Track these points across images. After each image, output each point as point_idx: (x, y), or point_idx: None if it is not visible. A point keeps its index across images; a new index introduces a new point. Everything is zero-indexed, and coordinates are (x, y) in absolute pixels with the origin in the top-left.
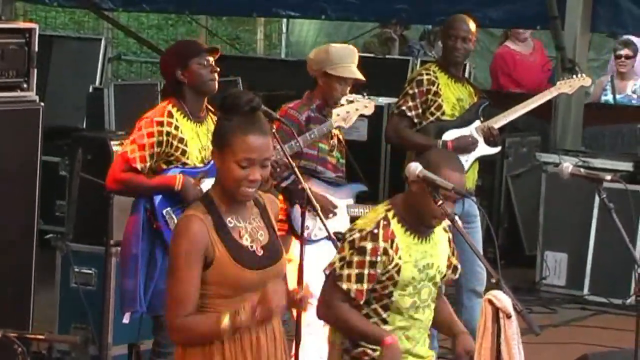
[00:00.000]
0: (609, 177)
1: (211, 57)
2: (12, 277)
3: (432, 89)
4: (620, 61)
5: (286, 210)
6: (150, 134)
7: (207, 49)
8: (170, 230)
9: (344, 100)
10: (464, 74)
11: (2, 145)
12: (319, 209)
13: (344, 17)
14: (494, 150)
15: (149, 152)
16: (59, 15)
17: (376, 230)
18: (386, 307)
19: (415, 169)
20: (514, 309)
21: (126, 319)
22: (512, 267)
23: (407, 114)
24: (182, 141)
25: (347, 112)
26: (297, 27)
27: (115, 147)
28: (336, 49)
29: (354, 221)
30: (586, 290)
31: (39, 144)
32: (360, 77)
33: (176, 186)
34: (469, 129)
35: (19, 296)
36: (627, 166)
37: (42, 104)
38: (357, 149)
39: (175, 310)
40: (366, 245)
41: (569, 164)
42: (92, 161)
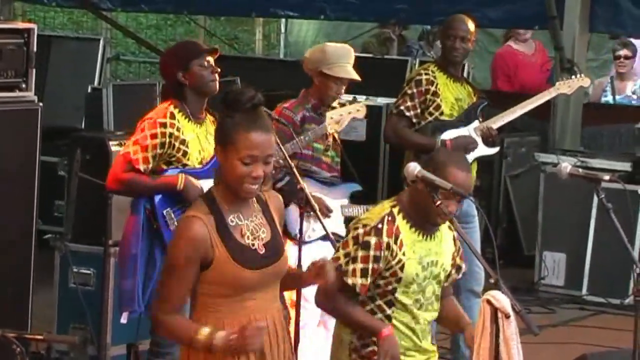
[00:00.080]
0: (607, 177)
1: (211, 58)
2: (10, 277)
3: (431, 89)
4: (619, 62)
5: None
6: (153, 135)
7: (207, 49)
8: (170, 230)
9: (335, 103)
10: (463, 74)
11: (0, 145)
12: (317, 209)
13: (343, 17)
14: (492, 150)
15: (152, 153)
16: (58, 15)
17: (380, 225)
18: (390, 304)
19: (414, 169)
20: (513, 309)
21: (124, 318)
22: (511, 267)
23: (406, 114)
24: (183, 142)
25: (340, 116)
26: (295, 27)
27: (113, 147)
28: (332, 48)
29: (349, 222)
30: (585, 290)
31: (38, 144)
32: (356, 77)
33: (178, 186)
34: (467, 129)
35: (17, 296)
36: (626, 166)
37: (41, 104)
38: (356, 149)
39: (161, 305)
40: (370, 240)
41: (567, 164)
42: (90, 161)
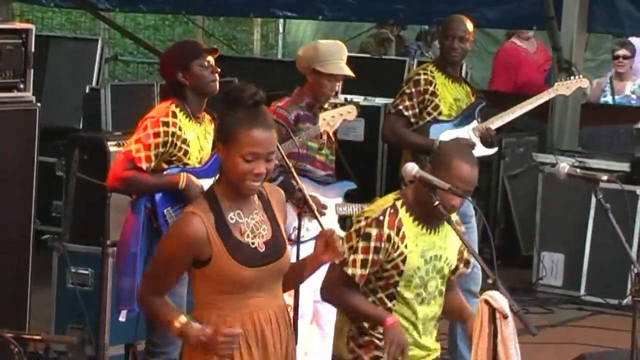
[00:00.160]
0: (605, 178)
1: (211, 58)
2: (8, 278)
3: (430, 89)
4: (617, 62)
5: None
6: (156, 134)
7: (208, 49)
8: None
9: (327, 104)
10: (461, 74)
11: None
12: (315, 209)
13: (341, 17)
14: (490, 151)
15: (154, 152)
16: (56, 15)
17: (382, 217)
18: (392, 297)
19: (411, 169)
20: (511, 309)
21: (122, 317)
22: (509, 268)
23: (404, 114)
24: (185, 142)
25: (332, 117)
26: (294, 27)
27: (111, 147)
28: (325, 45)
29: (343, 221)
30: (583, 290)
31: (36, 144)
32: (349, 73)
33: (180, 184)
34: (466, 130)
35: (15, 296)
36: (624, 166)
37: (39, 104)
38: (354, 149)
39: (147, 285)
40: (371, 231)
41: (565, 165)
42: (88, 161)
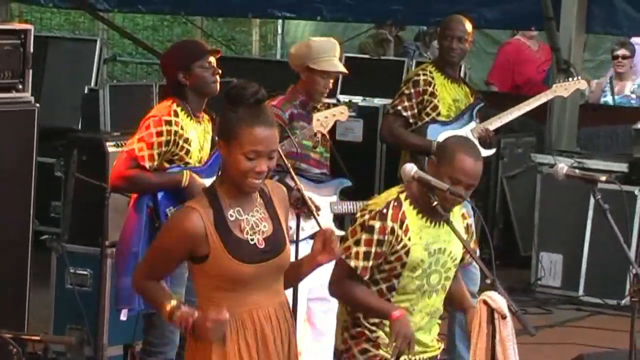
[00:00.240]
0: (603, 178)
1: (213, 58)
2: (7, 278)
3: (429, 89)
4: (617, 61)
5: None
6: (159, 133)
7: (210, 50)
8: None
9: (320, 105)
10: (460, 74)
11: None
12: (314, 210)
13: (339, 18)
14: (489, 152)
15: (157, 151)
16: (54, 16)
17: (385, 210)
18: (391, 288)
19: (410, 170)
20: (509, 309)
21: (124, 315)
22: (507, 268)
23: (403, 114)
24: (187, 141)
25: (325, 118)
26: (292, 28)
27: (110, 148)
28: (317, 42)
29: (338, 219)
30: (581, 291)
31: (34, 144)
32: (342, 70)
33: (184, 182)
34: (464, 131)
35: (14, 297)
36: (622, 167)
37: (38, 105)
38: (353, 149)
39: (143, 271)
40: (374, 224)
41: (564, 165)
42: (87, 162)
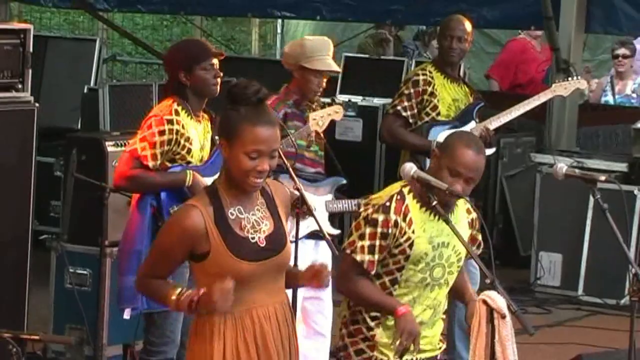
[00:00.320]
0: (603, 178)
1: (216, 60)
2: (7, 278)
3: (428, 89)
4: (617, 61)
5: None
6: (161, 132)
7: (214, 52)
8: None
9: (314, 104)
10: (460, 74)
11: None
12: (314, 210)
13: (339, 17)
14: (489, 151)
15: (160, 150)
16: (54, 15)
17: (388, 203)
18: (394, 282)
19: (410, 169)
20: (509, 309)
21: (127, 314)
22: (507, 268)
23: (402, 114)
24: (188, 140)
25: (321, 117)
26: (292, 27)
27: (110, 147)
28: (311, 41)
29: (335, 218)
30: (580, 290)
31: (34, 144)
32: (336, 68)
33: (187, 182)
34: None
35: (13, 297)
36: (621, 167)
37: (37, 105)
38: (352, 149)
39: (145, 270)
40: (378, 217)
41: (563, 165)
42: (86, 162)
